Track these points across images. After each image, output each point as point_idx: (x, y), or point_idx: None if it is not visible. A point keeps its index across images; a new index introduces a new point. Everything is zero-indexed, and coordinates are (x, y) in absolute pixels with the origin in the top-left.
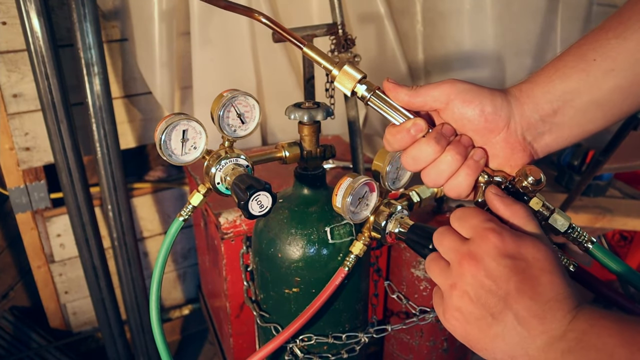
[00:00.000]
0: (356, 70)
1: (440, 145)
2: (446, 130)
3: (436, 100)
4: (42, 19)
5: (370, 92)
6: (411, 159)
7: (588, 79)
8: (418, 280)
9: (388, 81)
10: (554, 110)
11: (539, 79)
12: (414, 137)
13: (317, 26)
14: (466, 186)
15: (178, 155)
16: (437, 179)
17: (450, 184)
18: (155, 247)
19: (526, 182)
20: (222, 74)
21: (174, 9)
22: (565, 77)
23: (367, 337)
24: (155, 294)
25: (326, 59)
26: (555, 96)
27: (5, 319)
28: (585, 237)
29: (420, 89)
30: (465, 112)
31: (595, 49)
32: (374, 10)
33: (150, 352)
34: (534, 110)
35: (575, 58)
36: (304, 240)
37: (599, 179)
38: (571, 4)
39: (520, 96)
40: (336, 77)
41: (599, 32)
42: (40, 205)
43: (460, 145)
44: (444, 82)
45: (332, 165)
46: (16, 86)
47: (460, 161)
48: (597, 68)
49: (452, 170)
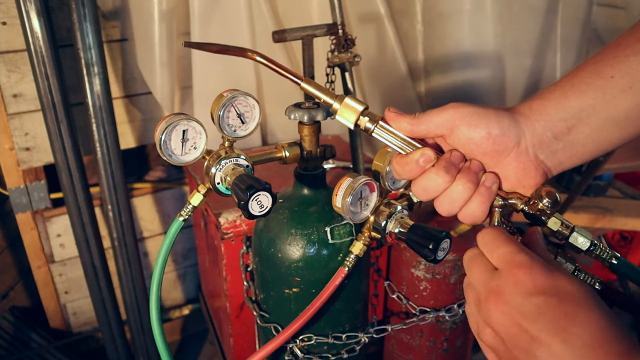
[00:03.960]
0: (358, 102)
1: (450, 174)
2: (455, 158)
3: (440, 127)
4: (42, 19)
5: (374, 124)
6: (422, 189)
7: (605, 96)
8: (418, 280)
9: (390, 111)
10: (568, 127)
11: (551, 95)
12: (422, 167)
13: (317, 26)
14: (480, 213)
15: (178, 155)
16: (450, 208)
17: (464, 212)
18: (155, 247)
19: (541, 204)
20: (222, 74)
21: (174, 9)
22: (580, 93)
23: (367, 337)
24: (155, 294)
25: (325, 93)
26: (570, 114)
27: (5, 319)
28: (608, 253)
29: (422, 117)
30: (472, 136)
31: (612, 66)
32: (374, 10)
33: (150, 352)
34: (546, 127)
35: (591, 74)
36: (304, 240)
37: (599, 179)
38: (571, 4)
39: (530, 114)
40: (337, 110)
41: (616, 49)
42: (40, 205)
43: (470, 173)
44: (447, 108)
45: (332, 165)
46: (16, 86)
47: (472, 189)
48: (614, 85)
49: (464, 199)
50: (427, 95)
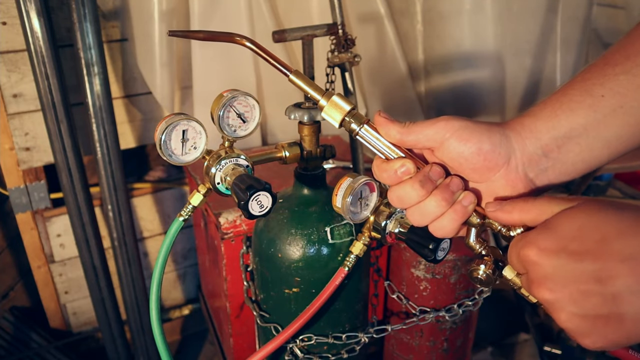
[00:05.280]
0: (345, 102)
1: (425, 189)
2: (434, 174)
3: (429, 139)
4: (42, 19)
5: (359, 126)
6: (396, 198)
7: (596, 115)
8: (418, 280)
9: (380, 115)
10: (558, 146)
11: (541, 113)
12: (400, 178)
13: (317, 26)
14: (450, 229)
15: (178, 155)
16: (420, 220)
17: (435, 225)
18: (155, 247)
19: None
20: (222, 74)
21: (174, 9)
22: (571, 112)
23: (367, 337)
24: (155, 294)
25: (313, 87)
26: (561, 132)
27: (5, 319)
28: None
29: (413, 127)
30: (462, 151)
31: (602, 84)
32: (374, 10)
33: (150, 352)
34: (536, 145)
35: (581, 92)
36: (304, 240)
37: (599, 179)
38: (571, 4)
39: (521, 130)
40: (324, 107)
41: (605, 67)
42: (40, 205)
43: (447, 191)
44: (438, 120)
45: (332, 165)
46: (16, 86)
47: (445, 207)
48: (605, 104)
49: (436, 215)
50: (427, 95)
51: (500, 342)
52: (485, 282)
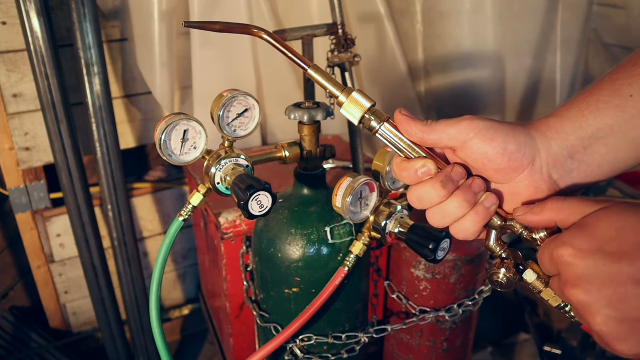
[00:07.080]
0: (366, 98)
1: (446, 190)
2: (455, 174)
3: (452, 139)
4: (42, 19)
5: (379, 124)
6: (416, 199)
7: (624, 115)
8: (418, 280)
9: (400, 113)
10: (584, 147)
11: (568, 113)
12: (420, 178)
13: (317, 26)
14: (472, 232)
15: (178, 155)
16: (441, 221)
17: (456, 227)
18: (155, 247)
19: (540, 235)
20: (222, 74)
21: (174, 9)
22: (599, 112)
23: (367, 337)
24: (155, 294)
25: (333, 83)
26: (587, 133)
27: (5, 319)
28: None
29: (435, 125)
30: (486, 151)
31: (631, 85)
32: (374, 10)
33: (150, 352)
34: (562, 146)
35: (609, 93)
36: (304, 240)
37: None
38: (571, 4)
39: (547, 131)
40: (343, 104)
41: (634, 68)
42: (40, 205)
43: (469, 192)
44: (462, 120)
45: (332, 165)
46: (16, 86)
47: (467, 208)
48: (633, 105)
49: (457, 216)
50: (427, 95)
51: (500, 342)
52: (505, 285)
